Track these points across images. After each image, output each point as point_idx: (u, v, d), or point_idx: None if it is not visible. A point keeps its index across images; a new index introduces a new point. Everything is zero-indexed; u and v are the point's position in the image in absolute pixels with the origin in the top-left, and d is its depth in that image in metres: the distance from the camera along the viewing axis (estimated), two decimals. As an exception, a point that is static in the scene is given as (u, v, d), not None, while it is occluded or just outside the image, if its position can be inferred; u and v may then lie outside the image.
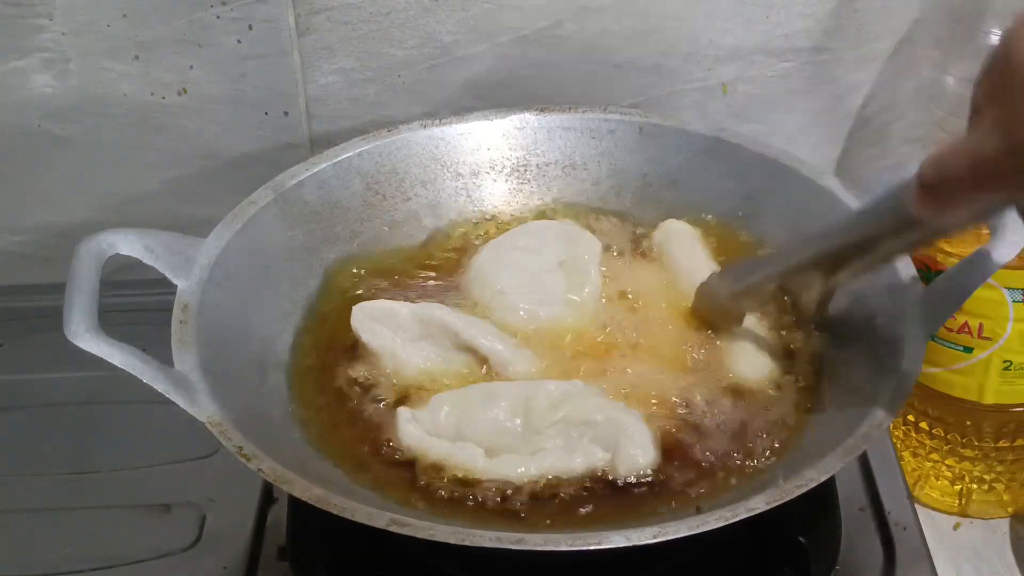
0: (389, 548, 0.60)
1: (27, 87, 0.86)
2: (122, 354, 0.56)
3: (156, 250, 0.64)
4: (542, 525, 0.57)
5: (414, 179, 0.80)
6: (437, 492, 0.59)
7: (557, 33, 0.85)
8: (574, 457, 0.60)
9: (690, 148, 0.79)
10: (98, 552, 0.67)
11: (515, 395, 0.63)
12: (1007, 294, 0.70)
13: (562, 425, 0.61)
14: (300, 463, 0.57)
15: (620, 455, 0.60)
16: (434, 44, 0.85)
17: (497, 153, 0.81)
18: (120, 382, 0.57)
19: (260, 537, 0.67)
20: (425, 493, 0.59)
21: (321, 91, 0.87)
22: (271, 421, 0.62)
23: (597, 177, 0.81)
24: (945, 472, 0.77)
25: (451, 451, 0.60)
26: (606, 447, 0.60)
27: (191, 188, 0.92)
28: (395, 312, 0.67)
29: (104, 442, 0.75)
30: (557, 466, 0.60)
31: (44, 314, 0.62)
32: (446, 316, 0.67)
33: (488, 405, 0.62)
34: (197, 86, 0.87)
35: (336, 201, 0.76)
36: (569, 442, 0.61)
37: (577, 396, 0.62)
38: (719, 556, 0.61)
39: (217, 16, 0.83)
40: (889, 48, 0.87)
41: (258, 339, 0.67)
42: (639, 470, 0.59)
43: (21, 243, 0.95)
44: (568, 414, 0.61)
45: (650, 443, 0.60)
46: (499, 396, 0.63)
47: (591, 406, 0.62)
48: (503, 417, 0.62)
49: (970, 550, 0.74)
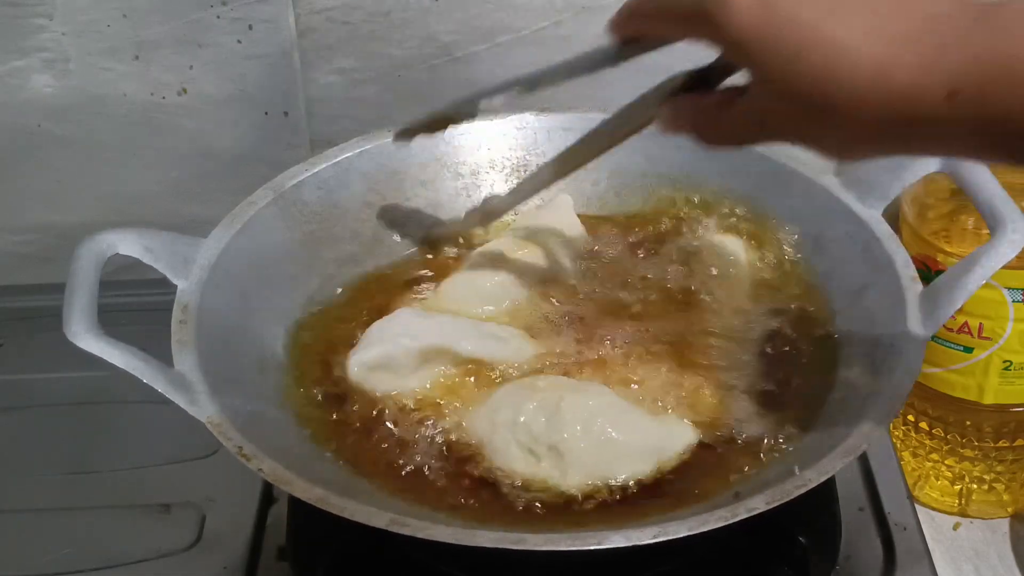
0: (389, 548, 0.60)
1: (27, 87, 0.86)
2: (122, 354, 0.56)
3: (156, 250, 0.64)
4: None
5: (414, 179, 0.80)
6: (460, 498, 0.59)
7: (557, 33, 0.85)
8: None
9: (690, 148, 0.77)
10: (98, 552, 0.67)
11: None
12: (1007, 294, 0.70)
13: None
14: (300, 463, 0.56)
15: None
16: (434, 44, 0.85)
17: (497, 153, 0.81)
18: (120, 382, 0.57)
19: (260, 537, 0.67)
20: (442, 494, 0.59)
21: (321, 91, 0.87)
22: (271, 421, 0.62)
23: (597, 177, 0.81)
24: (945, 472, 0.77)
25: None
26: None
27: (191, 188, 0.92)
28: (392, 357, 0.66)
29: (104, 442, 0.75)
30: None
31: (44, 314, 0.62)
32: (444, 342, 0.66)
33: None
34: (197, 86, 0.87)
35: (336, 201, 0.76)
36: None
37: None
38: (719, 556, 0.61)
39: (217, 16, 0.83)
40: (889, 48, 0.87)
41: (258, 339, 0.67)
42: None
43: (21, 243, 0.95)
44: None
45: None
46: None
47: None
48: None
49: (970, 550, 0.74)
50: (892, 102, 0.43)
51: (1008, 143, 0.42)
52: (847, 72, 0.43)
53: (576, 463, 0.59)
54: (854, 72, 0.43)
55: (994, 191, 0.64)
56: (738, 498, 0.53)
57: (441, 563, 0.60)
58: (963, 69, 0.41)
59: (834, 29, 0.43)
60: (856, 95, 0.43)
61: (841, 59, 0.43)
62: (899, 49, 0.42)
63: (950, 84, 0.41)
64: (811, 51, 0.43)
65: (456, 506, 0.58)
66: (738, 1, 0.46)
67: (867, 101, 0.43)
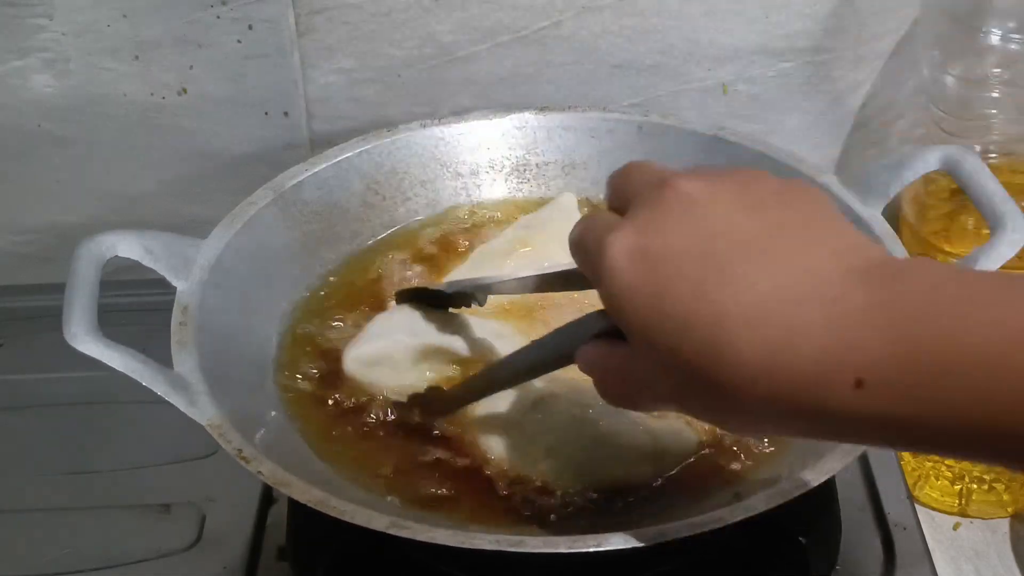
0: (389, 548, 0.60)
1: (27, 87, 0.86)
2: (121, 357, 0.56)
3: (155, 251, 0.64)
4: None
5: (414, 179, 0.80)
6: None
7: (557, 33, 0.85)
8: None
9: (690, 147, 0.78)
10: (98, 552, 0.67)
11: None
12: (1007, 294, 0.70)
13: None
14: (300, 465, 0.56)
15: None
16: (434, 44, 0.85)
17: (497, 153, 0.81)
18: (120, 382, 0.57)
19: (260, 537, 0.67)
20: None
21: (321, 91, 0.87)
22: (271, 423, 0.62)
23: (597, 177, 0.81)
24: (945, 472, 0.77)
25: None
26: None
27: (191, 188, 0.92)
28: (390, 354, 0.66)
29: (104, 442, 0.75)
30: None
31: (44, 314, 0.62)
32: (443, 341, 0.66)
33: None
34: (197, 86, 0.87)
35: (336, 201, 0.76)
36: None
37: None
38: (719, 556, 0.61)
39: (217, 16, 0.83)
40: (889, 48, 0.87)
41: (258, 340, 0.67)
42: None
43: (21, 243, 0.95)
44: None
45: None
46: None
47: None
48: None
49: (970, 550, 0.74)
50: (783, 393, 0.37)
51: (936, 438, 0.36)
52: (732, 356, 0.37)
53: (570, 464, 0.59)
54: (740, 357, 0.37)
55: (994, 191, 0.64)
56: (738, 498, 0.53)
57: (441, 563, 0.60)
58: (871, 358, 0.36)
59: (722, 299, 0.38)
60: (744, 382, 0.38)
61: (726, 340, 0.37)
62: (792, 333, 0.37)
63: (855, 373, 0.36)
64: (694, 327, 0.38)
65: (453, 504, 0.58)
66: (615, 248, 0.40)
67: (756, 388, 0.38)
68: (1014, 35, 0.75)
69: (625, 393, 0.46)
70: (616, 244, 0.41)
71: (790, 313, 0.37)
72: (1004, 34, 0.75)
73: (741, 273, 0.38)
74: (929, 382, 0.35)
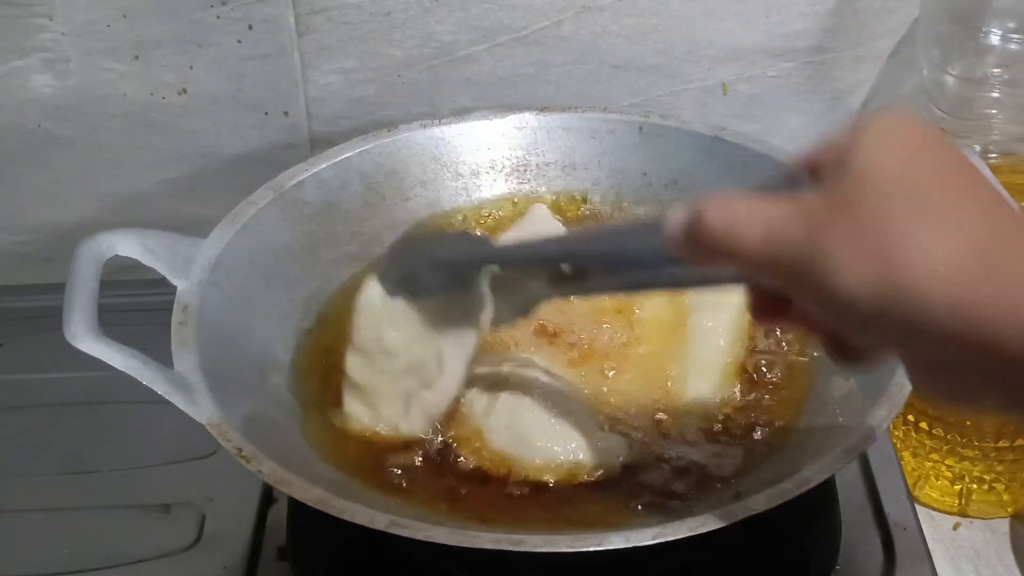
0: (389, 548, 0.60)
1: (27, 87, 0.86)
2: (122, 356, 0.56)
3: (156, 250, 0.64)
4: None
5: (414, 179, 0.80)
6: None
7: (557, 33, 0.85)
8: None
9: (690, 148, 0.78)
10: (98, 552, 0.67)
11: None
12: (1007, 294, 0.70)
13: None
14: (300, 464, 0.57)
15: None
16: (434, 44, 0.85)
17: (497, 153, 0.81)
18: (120, 382, 0.57)
19: (260, 537, 0.67)
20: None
21: (321, 91, 0.87)
22: (271, 422, 0.62)
23: (597, 177, 0.81)
24: (945, 472, 0.77)
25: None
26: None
27: (191, 188, 0.92)
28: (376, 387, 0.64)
29: (104, 442, 0.75)
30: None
31: (44, 314, 0.62)
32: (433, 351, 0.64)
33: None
34: (197, 86, 0.87)
35: (336, 201, 0.76)
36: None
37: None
38: (719, 556, 0.61)
39: (217, 16, 0.83)
40: (889, 48, 0.87)
41: (258, 339, 0.67)
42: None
43: (21, 243, 0.95)
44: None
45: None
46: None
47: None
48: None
49: (970, 550, 0.74)
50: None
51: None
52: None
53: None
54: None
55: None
56: (738, 498, 0.53)
57: (441, 563, 0.60)
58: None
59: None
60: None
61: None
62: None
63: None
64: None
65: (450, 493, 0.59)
66: (847, 262, 0.39)
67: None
68: (1014, 35, 0.75)
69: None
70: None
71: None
72: (1004, 34, 0.75)
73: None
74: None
